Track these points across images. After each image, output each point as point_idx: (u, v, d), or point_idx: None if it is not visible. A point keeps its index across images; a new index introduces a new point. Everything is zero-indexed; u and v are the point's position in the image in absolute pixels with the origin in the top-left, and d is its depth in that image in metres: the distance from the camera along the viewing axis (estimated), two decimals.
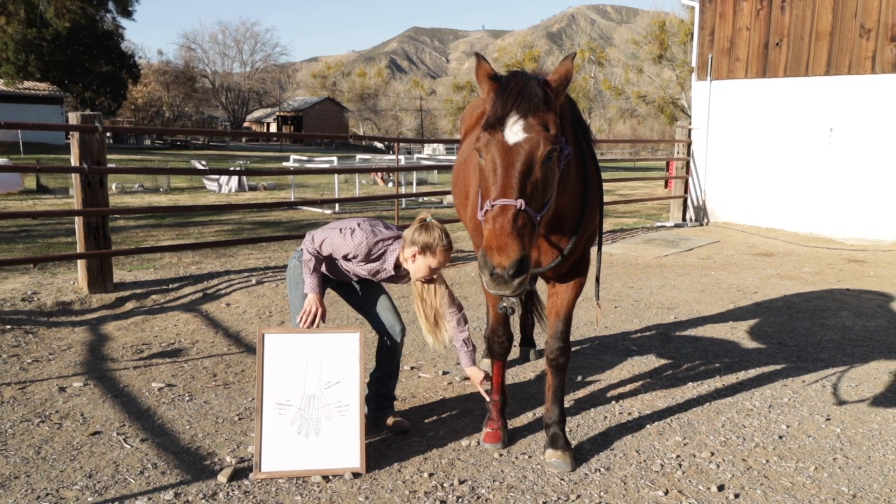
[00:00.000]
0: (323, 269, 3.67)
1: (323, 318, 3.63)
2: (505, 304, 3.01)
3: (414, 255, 3.46)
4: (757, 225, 12.42)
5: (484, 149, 2.77)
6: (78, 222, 6.63)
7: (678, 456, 3.66)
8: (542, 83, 2.82)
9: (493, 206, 2.66)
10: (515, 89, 2.77)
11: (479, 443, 3.75)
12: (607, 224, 12.73)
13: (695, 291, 7.57)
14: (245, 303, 6.58)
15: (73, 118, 6.50)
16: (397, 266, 3.59)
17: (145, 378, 4.66)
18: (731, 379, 4.84)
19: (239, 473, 3.36)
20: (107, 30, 49.99)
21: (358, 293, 3.93)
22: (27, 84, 44.51)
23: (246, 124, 76.85)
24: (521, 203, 2.63)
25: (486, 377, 3.77)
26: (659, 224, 13.23)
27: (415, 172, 19.85)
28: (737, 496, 3.27)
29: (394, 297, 7.08)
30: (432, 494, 3.22)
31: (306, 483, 3.29)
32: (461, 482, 3.34)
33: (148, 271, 7.70)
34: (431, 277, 3.53)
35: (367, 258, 3.56)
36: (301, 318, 3.59)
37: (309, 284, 3.61)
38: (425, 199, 17.49)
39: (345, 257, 3.58)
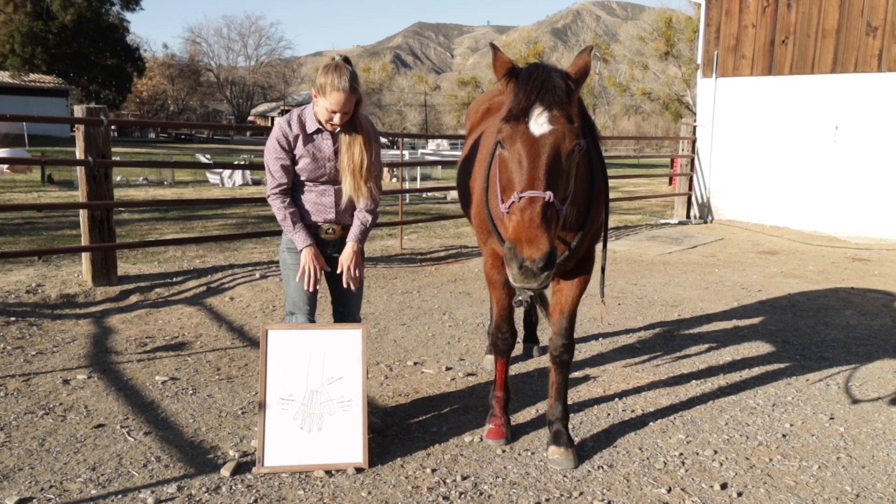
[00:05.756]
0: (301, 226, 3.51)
1: (323, 273, 3.51)
2: (521, 298, 2.97)
3: (315, 96, 3.42)
4: (761, 223, 12.38)
5: (508, 140, 2.74)
6: (82, 215, 6.64)
7: (681, 454, 3.66)
8: (564, 75, 2.80)
9: (520, 197, 2.63)
10: (538, 80, 2.74)
11: (481, 439, 3.75)
12: (611, 221, 12.71)
13: (699, 289, 7.55)
14: (249, 297, 6.59)
15: (79, 111, 6.50)
16: (322, 130, 3.50)
17: (149, 371, 4.67)
18: (735, 377, 4.83)
19: (242, 467, 3.36)
20: (112, 23, 50.00)
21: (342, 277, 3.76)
22: (32, 77, 44.56)
23: (250, 118, 76.83)
24: (549, 195, 2.61)
25: (358, 258, 3.58)
26: (663, 221, 13.20)
27: (419, 168, 19.83)
28: (740, 494, 3.26)
29: (395, 292, 7.06)
30: (435, 490, 3.22)
31: (309, 477, 3.29)
32: (464, 478, 3.34)
33: (152, 265, 7.71)
34: (337, 125, 3.41)
35: (295, 139, 3.47)
36: (299, 278, 3.49)
37: (297, 240, 3.49)
38: (429, 194, 17.47)
39: (284, 168, 3.46)
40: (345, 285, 3.61)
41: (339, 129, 3.49)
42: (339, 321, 3.78)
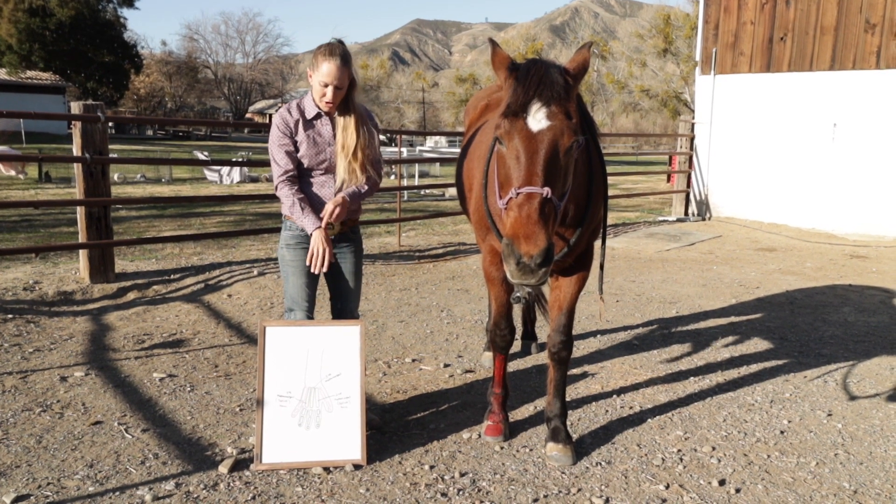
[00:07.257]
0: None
1: (332, 258, 3.50)
2: (519, 294, 2.96)
3: (310, 76, 3.44)
4: (759, 220, 12.39)
5: (506, 136, 2.73)
6: (80, 212, 6.63)
7: (679, 450, 3.66)
8: (562, 71, 2.80)
9: (518, 193, 2.62)
10: (536, 76, 2.74)
11: (480, 435, 3.75)
12: (609, 218, 12.70)
13: (697, 286, 7.56)
14: (246, 294, 6.58)
15: (76, 108, 6.48)
16: (322, 114, 3.53)
17: (147, 368, 4.66)
18: (733, 374, 4.84)
19: (240, 464, 3.36)
20: (109, 20, 49.87)
21: (340, 273, 3.76)
22: (30, 73, 44.48)
23: (248, 115, 76.68)
24: (546, 191, 2.61)
25: (345, 202, 3.54)
26: (661, 218, 13.21)
27: (417, 165, 19.84)
28: (738, 491, 3.27)
29: (394, 288, 7.06)
30: (433, 487, 3.22)
31: (307, 474, 3.29)
32: (462, 475, 3.33)
33: (149, 262, 7.69)
34: (331, 102, 3.43)
35: (295, 125, 3.50)
36: (309, 261, 3.47)
37: (308, 223, 3.47)
38: (427, 191, 17.46)
39: (289, 155, 3.49)
40: (323, 224, 3.49)
41: (336, 112, 3.51)
42: (338, 318, 3.78)
